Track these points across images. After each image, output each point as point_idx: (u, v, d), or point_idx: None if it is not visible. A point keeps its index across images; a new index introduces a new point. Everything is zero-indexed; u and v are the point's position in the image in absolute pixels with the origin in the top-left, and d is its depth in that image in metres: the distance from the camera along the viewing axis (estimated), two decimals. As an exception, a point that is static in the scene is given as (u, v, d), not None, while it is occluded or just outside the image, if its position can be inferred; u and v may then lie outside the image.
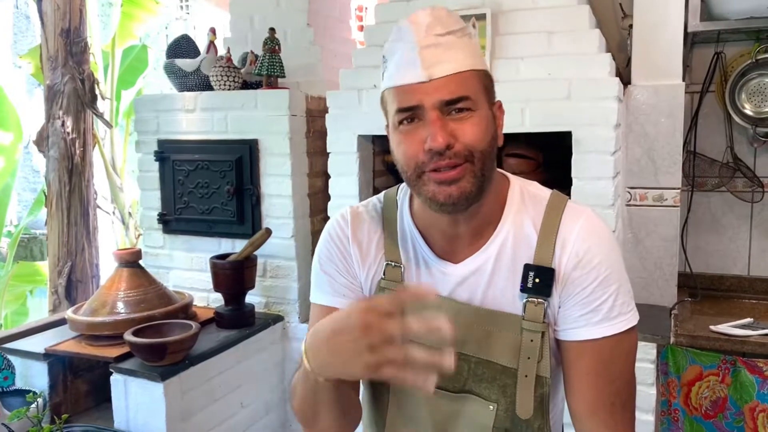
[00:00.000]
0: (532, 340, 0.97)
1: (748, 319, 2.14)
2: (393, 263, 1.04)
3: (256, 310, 2.44)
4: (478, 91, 0.92)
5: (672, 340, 2.05)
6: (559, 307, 0.98)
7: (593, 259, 0.96)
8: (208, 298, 2.62)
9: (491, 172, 0.95)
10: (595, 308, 0.96)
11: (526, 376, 0.98)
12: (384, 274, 1.05)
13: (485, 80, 0.95)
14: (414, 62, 0.89)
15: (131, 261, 2.25)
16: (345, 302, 1.06)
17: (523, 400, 0.99)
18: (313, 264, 1.12)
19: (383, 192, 1.13)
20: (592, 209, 1.02)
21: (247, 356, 2.30)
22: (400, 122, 0.92)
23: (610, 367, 0.97)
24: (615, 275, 0.96)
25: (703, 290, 2.47)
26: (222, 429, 2.18)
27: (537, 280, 0.96)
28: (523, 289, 0.97)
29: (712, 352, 2.06)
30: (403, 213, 1.06)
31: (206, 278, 2.46)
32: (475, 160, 0.91)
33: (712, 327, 2.08)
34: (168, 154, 2.60)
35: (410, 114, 0.91)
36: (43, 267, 3.93)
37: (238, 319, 2.33)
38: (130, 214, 4.38)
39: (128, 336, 1.94)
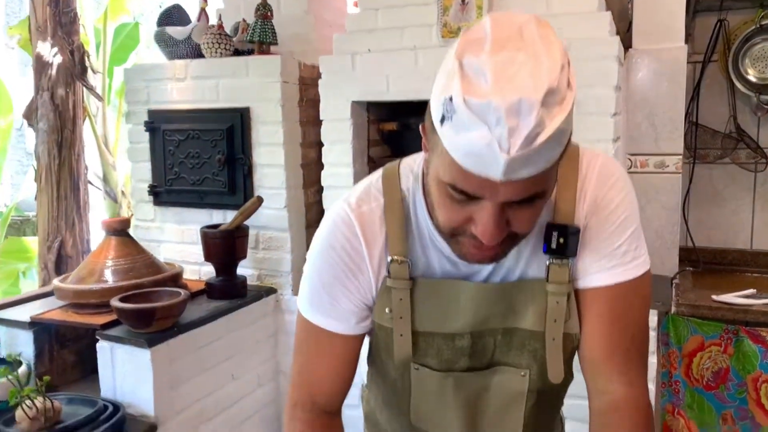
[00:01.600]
0: (557, 302, 0.92)
1: (751, 290, 2.09)
2: (399, 260, 0.93)
3: (249, 283, 2.39)
4: (554, 174, 0.78)
5: (673, 309, 2.00)
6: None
7: (610, 203, 0.91)
8: (199, 272, 2.56)
9: None
10: (609, 253, 0.92)
11: (553, 339, 0.94)
12: (389, 272, 0.94)
13: (564, 150, 0.76)
14: (495, 163, 0.70)
15: (120, 229, 2.20)
16: (346, 327, 0.97)
17: (554, 365, 0.95)
18: (308, 274, 0.98)
19: (378, 177, 0.98)
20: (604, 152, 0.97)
21: (239, 327, 2.25)
22: (450, 186, 0.77)
23: (627, 312, 0.94)
24: (631, 218, 0.93)
25: (705, 264, 2.43)
26: (212, 399, 2.13)
27: (561, 240, 0.89)
28: (546, 250, 0.90)
29: (714, 321, 2.01)
30: (417, 211, 0.94)
31: (197, 251, 2.41)
32: (518, 240, 0.84)
33: (714, 296, 2.04)
34: (158, 124, 2.54)
35: (465, 196, 0.77)
36: (33, 243, 3.87)
37: (229, 290, 2.28)
38: (123, 192, 4.32)
39: (115, 302, 1.89)
